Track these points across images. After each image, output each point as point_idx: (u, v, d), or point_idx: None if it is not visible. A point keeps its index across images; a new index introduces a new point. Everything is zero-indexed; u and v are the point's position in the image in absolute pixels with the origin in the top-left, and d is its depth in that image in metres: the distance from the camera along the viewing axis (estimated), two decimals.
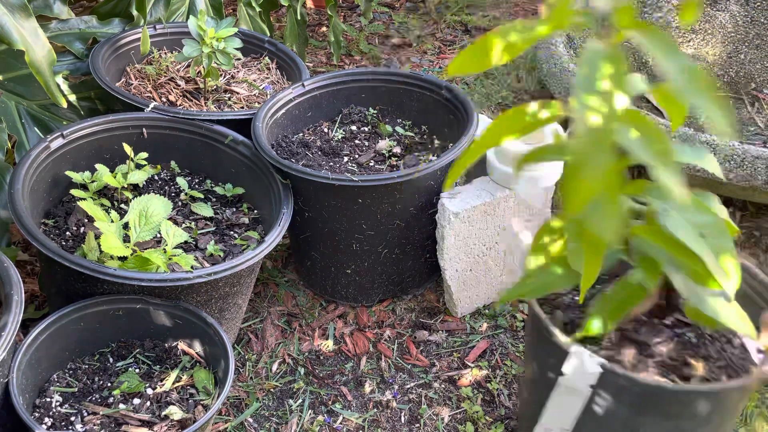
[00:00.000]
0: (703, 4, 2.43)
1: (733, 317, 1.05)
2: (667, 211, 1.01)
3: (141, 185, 1.63)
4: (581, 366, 1.12)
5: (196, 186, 1.69)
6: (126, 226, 1.42)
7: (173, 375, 1.34)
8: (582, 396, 1.16)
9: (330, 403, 1.54)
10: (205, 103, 1.81)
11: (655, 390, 1.10)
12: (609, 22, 0.94)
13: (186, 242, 1.50)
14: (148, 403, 1.29)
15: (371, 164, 1.72)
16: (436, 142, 1.79)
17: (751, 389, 1.17)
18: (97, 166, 1.55)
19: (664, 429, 1.15)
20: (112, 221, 1.43)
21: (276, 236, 1.44)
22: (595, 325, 1.09)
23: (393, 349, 1.66)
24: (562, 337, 1.16)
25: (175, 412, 1.26)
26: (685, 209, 1.01)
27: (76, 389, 1.31)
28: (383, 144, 1.75)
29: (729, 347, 1.25)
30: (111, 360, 1.37)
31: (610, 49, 0.87)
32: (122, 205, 1.57)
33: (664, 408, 1.12)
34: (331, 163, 1.70)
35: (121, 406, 1.28)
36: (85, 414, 1.27)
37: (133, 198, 1.47)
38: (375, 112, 1.86)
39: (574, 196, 0.85)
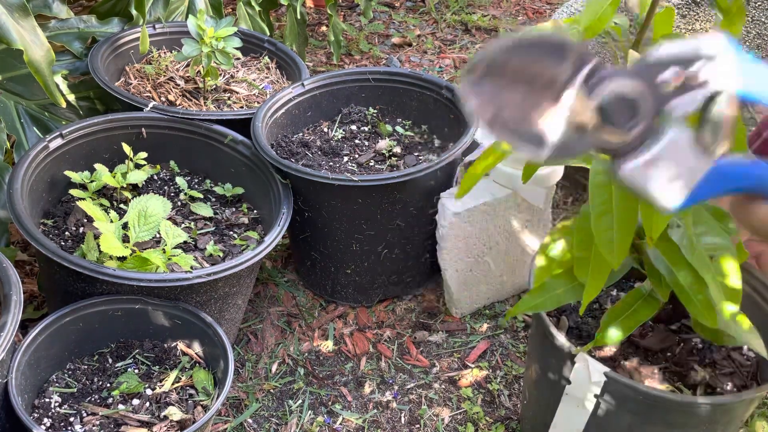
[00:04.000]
0: (704, 3, 2.43)
1: (740, 331, 1.04)
2: (681, 229, 1.00)
3: (140, 185, 1.62)
4: (586, 374, 1.12)
5: (196, 186, 1.68)
6: (125, 226, 1.42)
7: (172, 375, 1.33)
8: (588, 405, 1.16)
9: (330, 403, 1.53)
10: (205, 102, 1.80)
11: (660, 400, 1.09)
12: (636, 28, 0.93)
13: (185, 242, 1.50)
14: (148, 404, 1.28)
15: (371, 164, 1.71)
16: (436, 142, 1.79)
17: (758, 400, 1.16)
18: (96, 165, 1.55)
19: None
20: (111, 221, 1.42)
21: (276, 236, 1.44)
22: (612, 335, 1.08)
23: (393, 349, 1.66)
24: (566, 343, 1.15)
25: (175, 413, 1.26)
26: (697, 228, 1.00)
27: (75, 390, 1.31)
28: (383, 144, 1.75)
29: (735, 354, 1.24)
30: (110, 360, 1.37)
31: None
32: (121, 205, 1.57)
33: (668, 417, 1.12)
34: (331, 163, 1.69)
35: (121, 406, 1.28)
36: (84, 414, 1.26)
37: (133, 198, 1.46)
38: (375, 111, 1.86)
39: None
